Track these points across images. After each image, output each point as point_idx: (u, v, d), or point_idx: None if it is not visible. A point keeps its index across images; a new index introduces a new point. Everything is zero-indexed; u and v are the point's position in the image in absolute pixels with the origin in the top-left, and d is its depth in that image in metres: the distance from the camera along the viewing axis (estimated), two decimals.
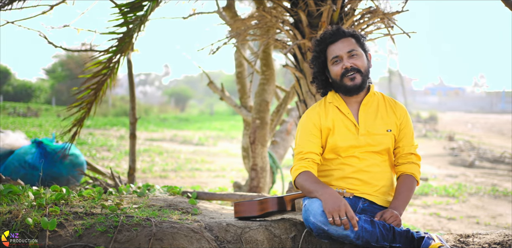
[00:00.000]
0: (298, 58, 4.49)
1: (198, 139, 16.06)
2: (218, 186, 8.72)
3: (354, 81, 2.76)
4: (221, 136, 17.62)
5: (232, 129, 20.41)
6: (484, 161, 14.04)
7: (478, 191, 10.11)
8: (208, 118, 26.94)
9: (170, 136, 16.46)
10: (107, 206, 2.78)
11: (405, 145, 2.87)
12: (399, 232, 2.51)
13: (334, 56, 2.78)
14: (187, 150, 13.80)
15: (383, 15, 4.31)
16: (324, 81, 2.89)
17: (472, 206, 9.08)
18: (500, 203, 9.41)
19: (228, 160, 12.46)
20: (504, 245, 2.73)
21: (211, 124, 22.38)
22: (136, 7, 4.51)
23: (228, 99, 6.32)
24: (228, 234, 2.70)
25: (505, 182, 11.30)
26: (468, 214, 8.45)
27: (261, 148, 5.26)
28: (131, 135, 5.46)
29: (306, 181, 2.66)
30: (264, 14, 4.50)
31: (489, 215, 8.51)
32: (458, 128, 24.87)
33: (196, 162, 11.66)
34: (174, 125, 21.23)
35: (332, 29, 2.83)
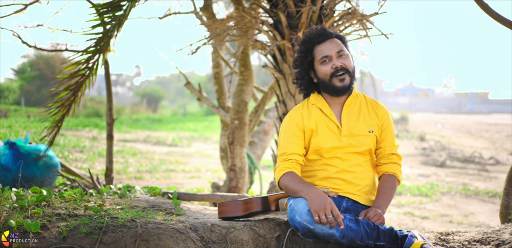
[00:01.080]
0: (278, 59, 4.51)
1: (172, 140, 15.98)
2: (195, 187, 8.71)
3: (344, 82, 2.79)
4: (195, 137, 17.56)
5: (206, 130, 20.37)
6: (455, 161, 14.30)
7: (450, 190, 10.30)
8: (181, 119, 26.82)
9: (143, 137, 16.34)
10: (90, 207, 2.76)
11: (387, 146, 2.91)
12: (383, 230, 2.55)
13: (323, 56, 2.80)
14: (161, 151, 13.72)
15: (361, 16, 4.36)
16: (308, 81, 2.91)
17: (444, 205, 9.24)
18: (471, 202, 9.60)
19: (202, 161, 12.43)
20: (483, 242, 2.79)
21: (184, 125, 22.30)
22: (115, 7, 4.47)
23: (206, 100, 6.30)
24: (213, 234, 2.70)
25: (476, 181, 11.53)
26: (441, 213, 8.60)
27: (240, 148, 5.26)
28: (108, 136, 5.40)
29: (291, 182, 2.68)
30: (244, 15, 4.51)
31: (461, 214, 8.67)
32: (428, 129, 25.26)
33: (170, 163, 11.60)
34: (147, 126, 21.08)
35: (318, 29, 2.85)
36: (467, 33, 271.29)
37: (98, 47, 4.49)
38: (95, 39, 4.45)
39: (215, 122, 24.82)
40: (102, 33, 4.45)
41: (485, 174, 12.57)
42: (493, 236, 2.82)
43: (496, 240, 2.75)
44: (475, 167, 13.44)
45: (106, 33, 4.48)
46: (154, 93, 39.82)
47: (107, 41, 4.49)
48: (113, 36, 4.54)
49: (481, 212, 8.90)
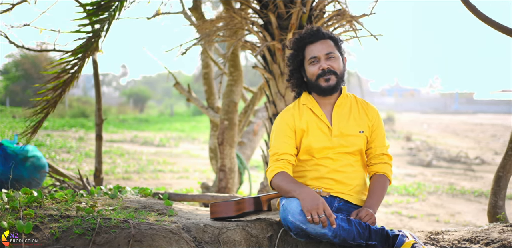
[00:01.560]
0: (268, 59, 4.53)
1: (159, 140, 15.93)
2: (183, 187, 8.70)
3: (329, 82, 2.81)
4: (182, 137, 17.52)
5: (193, 130, 20.34)
6: (441, 161, 14.41)
7: (436, 190, 10.38)
8: (168, 119, 26.74)
9: (130, 137, 16.28)
10: (82, 208, 2.75)
11: (377, 146, 2.94)
12: (374, 230, 2.57)
13: (312, 57, 2.82)
14: (149, 151, 13.68)
15: (350, 17, 4.40)
16: (299, 79, 2.94)
17: (431, 204, 9.32)
18: (458, 201, 9.69)
19: (190, 161, 12.41)
20: (472, 241, 2.83)
21: (171, 125, 22.24)
22: (104, 7, 4.46)
23: (195, 100, 6.30)
24: (206, 235, 2.71)
25: (462, 181, 11.64)
26: (428, 212, 8.67)
27: (230, 149, 5.27)
28: (97, 136, 5.40)
29: (283, 181, 2.69)
30: (234, 16, 4.52)
31: (448, 213, 8.75)
32: (414, 129, 25.43)
33: (158, 164, 11.57)
34: (134, 126, 20.99)
35: (313, 29, 2.88)
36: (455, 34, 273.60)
37: (87, 47, 4.48)
38: (84, 39, 4.44)
39: (202, 122, 24.79)
40: (91, 33, 4.44)
41: (471, 173, 12.69)
42: (482, 235, 2.85)
43: (485, 239, 2.79)
44: (461, 167, 13.56)
45: (95, 33, 4.47)
46: (140, 93, 39.66)
47: (96, 41, 4.48)
48: (102, 36, 4.53)
49: (468, 211, 8.99)
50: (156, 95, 52.97)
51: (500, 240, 2.73)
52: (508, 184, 4.12)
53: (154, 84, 63.75)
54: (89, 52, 4.49)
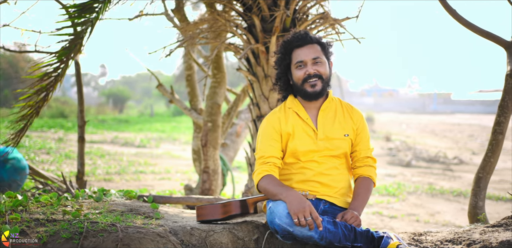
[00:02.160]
0: (251, 62, 4.55)
1: (140, 141, 15.86)
2: (165, 188, 8.68)
3: (315, 88, 2.85)
4: (163, 138, 17.46)
5: (174, 131, 20.27)
6: (420, 161, 14.58)
7: (416, 190, 10.50)
8: (149, 120, 26.62)
9: (110, 138, 16.17)
10: (69, 212, 2.75)
11: (362, 149, 2.98)
12: (360, 232, 2.61)
13: (298, 61, 2.85)
14: (129, 152, 13.61)
15: (334, 21, 4.44)
16: (285, 83, 2.96)
17: (411, 204, 9.43)
18: (437, 201, 9.82)
19: (172, 162, 12.38)
20: (455, 242, 2.88)
21: (151, 126, 22.14)
22: (88, 9, 4.44)
23: (178, 102, 6.30)
24: (193, 238, 2.72)
25: (441, 181, 11.79)
26: (408, 212, 8.78)
27: (213, 150, 5.29)
28: (80, 138, 5.36)
29: (270, 184, 2.72)
30: (218, 18, 4.53)
31: (427, 213, 8.87)
32: (393, 129, 25.67)
33: (139, 165, 11.53)
34: (113, 127, 20.86)
35: (301, 33, 2.90)
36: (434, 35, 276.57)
37: (70, 49, 4.45)
38: (67, 41, 4.41)
39: (182, 123, 24.73)
40: (74, 35, 4.41)
41: (450, 173, 12.86)
42: (464, 236, 2.91)
43: (467, 240, 2.85)
44: (440, 167, 13.74)
45: (78, 35, 4.44)
46: (120, 93, 39.39)
47: (80, 43, 4.46)
48: (85, 38, 4.51)
49: (447, 211, 9.11)
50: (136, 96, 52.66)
51: (481, 241, 2.79)
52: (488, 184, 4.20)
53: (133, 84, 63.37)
54: (72, 54, 4.47)
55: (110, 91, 41.39)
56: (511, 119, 4.19)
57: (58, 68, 4.31)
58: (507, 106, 4.05)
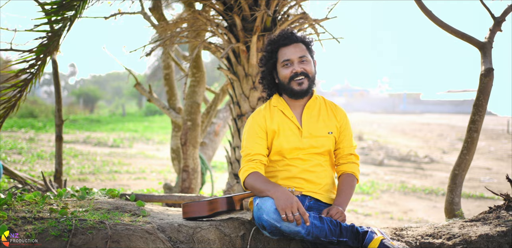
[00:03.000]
0: (232, 61, 4.59)
1: (112, 141, 15.73)
2: (141, 188, 8.64)
3: (302, 86, 2.89)
4: (136, 138, 17.34)
5: (147, 131, 20.15)
6: (392, 160, 14.81)
7: (389, 188, 10.68)
8: (120, 119, 26.39)
9: (83, 138, 16.00)
10: (56, 210, 2.74)
11: (345, 146, 3.05)
12: (345, 227, 2.67)
13: (285, 59, 2.89)
14: (103, 152, 13.50)
15: (313, 21, 4.51)
16: (271, 81, 3.00)
17: (385, 202, 9.59)
18: (409, 199, 10.00)
19: (146, 162, 12.33)
20: (435, 236, 2.97)
21: (124, 126, 21.96)
22: (66, 6, 4.42)
23: (156, 101, 6.29)
24: (181, 235, 2.75)
25: (412, 179, 12.00)
26: (382, 210, 8.92)
27: (193, 149, 5.30)
28: (57, 137, 5.32)
29: (256, 181, 2.76)
30: (199, 17, 4.55)
31: (401, 210, 9.03)
32: (365, 128, 25.98)
33: (113, 165, 11.44)
34: (85, 127, 20.63)
35: (286, 32, 2.94)
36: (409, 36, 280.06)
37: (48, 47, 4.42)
38: (44, 38, 4.38)
39: (155, 122, 24.59)
40: (52, 32, 4.39)
41: (421, 172, 13.09)
42: (443, 231, 3.00)
43: (447, 234, 2.94)
44: (411, 166, 13.98)
45: (56, 32, 4.42)
46: (90, 93, 38.98)
47: (57, 41, 4.43)
48: (63, 36, 4.49)
49: (419, 208, 9.29)
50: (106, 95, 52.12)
51: (461, 235, 2.88)
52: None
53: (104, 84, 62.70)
54: (50, 51, 4.44)
55: (80, 91, 40.90)
56: None
57: (34, 65, 4.27)
58: (482, 105, 4.17)
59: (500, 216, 3.05)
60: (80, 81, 71.16)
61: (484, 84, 4.20)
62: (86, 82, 67.23)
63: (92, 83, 60.36)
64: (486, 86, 4.19)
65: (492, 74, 4.20)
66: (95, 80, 67.73)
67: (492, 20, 4.51)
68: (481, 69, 4.26)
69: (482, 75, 4.22)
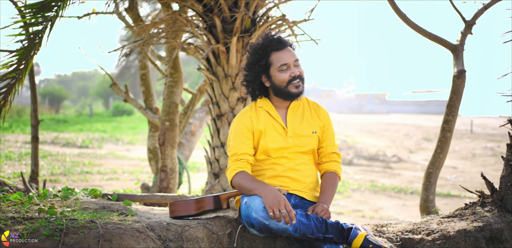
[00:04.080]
0: (212, 62, 4.64)
1: (81, 142, 15.55)
2: (114, 188, 8.59)
3: (299, 89, 2.97)
4: (105, 138, 17.18)
5: (115, 131, 19.97)
6: (361, 159, 15.04)
7: (359, 187, 10.87)
8: (88, 120, 26.04)
9: (51, 139, 15.78)
10: (45, 210, 2.76)
11: (328, 145, 3.13)
12: (330, 224, 2.76)
13: (282, 64, 2.94)
14: (72, 152, 13.34)
15: (292, 23, 4.59)
16: (259, 85, 3.05)
17: (356, 201, 9.76)
18: (379, 198, 10.20)
19: (117, 163, 12.24)
20: (414, 232, 3.08)
21: (92, 126, 21.69)
22: (46, 7, 4.40)
23: (133, 101, 6.29)
24: (170, 233, 2.79)
25: (381, 178, 12.23)
26: (354, 208, 9.09)
27: (171, 149, 5.33)
28: (33, 138, 5.28)
29: (244, 180, 2.82)
30: (179, 18, 4.59)
31: (371, 209, 9.21)
32: None
33: (84, 165, 11.34)
34: (52, 127, 20.30)
35: (275, 36, 3.00)
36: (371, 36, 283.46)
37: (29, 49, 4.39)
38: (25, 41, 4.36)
39: (123, 122, 24.38)
40: (33, 34, 4.37)
41: (390, 171, 13.35)
42: (422, 227, 3.12)
43: (426, 230, 3.05)
44: (380, 165, 14.24)
45: (37, 34, 4.40)
46: (56, 93, 38.31)
47: (39, 42, 4.41)
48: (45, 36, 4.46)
49: (389, 206, 9.49)
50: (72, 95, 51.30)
51: (439, 230, 3.00)
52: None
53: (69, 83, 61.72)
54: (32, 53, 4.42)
55: (45, 91, 40.17)
56: None
57: (18, 68, 4.24)
58: (455, 106, 4.32)
59: (475, 212, 3.19)
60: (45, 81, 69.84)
61: (457, 85, 4.35)
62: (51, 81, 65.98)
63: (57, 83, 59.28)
64: (458, 87, 4.34)
65: (464, 76, 4.36)
66: (60, 79, 66.55)
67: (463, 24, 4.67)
68: (454, 71, 4.41)
69: (455, 77, 4.37)
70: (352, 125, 30.11)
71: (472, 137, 21.83)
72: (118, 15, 6.64)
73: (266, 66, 2.97)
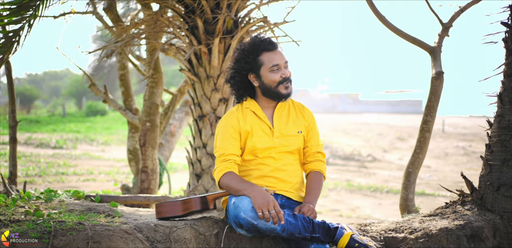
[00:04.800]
0: (193, 63, 4.65)
1: (55, 142, 15.36)
2: (91, 189, 8.52)
3: (288, 90, 3.01)
4: (79, 139, 17.00)
5: (89, 131, 19.76)
6: (337, 159, 15.18)
7: (336, 187, 10.98)
8: (61, 120, 25.70)
9: (24, 139, 15.55)
10: (31, 212, 2.74)
11: (313, 145, 3.18)
12: (317, 223, 2.80)
13: (274, 64, 2.97)
14: (46, 153, 13.18)
15: (274, 24, 4.64)
16: (245, 84, 3.07)
17: (333, 200, 9.86)
18: (355, 197, 10.33)
19: (93, 163, 12.14)
20: (397, 231, 3.14)
21: (65, 126, 21.41)
22: (24, 6, 4.37)
23: (112, 102, 6.25)
24: (158, 234, 2.80)
25: (357, 177, 12.37)
26: (331, 207, 9.18)
27: (152, 150, 5.32)
28: (12, 139, 5.22)
29: (232, 181, 2.85)
30: (160, 19, 4.59)
31: (348, 208, 9.32)
32: None
33: (59, 166, 11.22)
34: (24, 128, 19.98)
35: (265, 37, 3.03)
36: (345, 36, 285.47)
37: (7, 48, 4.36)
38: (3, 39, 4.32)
39: (97, 123, 24.14)
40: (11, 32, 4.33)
41: (365, 170, 13.51)
42: (405, 225, 3.18)
43: (409, 229, 3.12)
44: (355, 164, 14.39)
45: (15, 33, 4.36)
46: (27, 92, 37.69)
47: (17, 41, 4.37)
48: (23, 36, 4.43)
49: (365, 205, 9.62)
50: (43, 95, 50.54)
51: (422, 229, 3.07)
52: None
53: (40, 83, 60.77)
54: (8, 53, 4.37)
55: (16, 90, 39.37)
56: None
57: None
58: (433, 106, 4.41)
59: (456, 210, 3.27)
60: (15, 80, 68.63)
61: (435, 87, 4.44)
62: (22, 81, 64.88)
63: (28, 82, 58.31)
64: (437, 88, 4.44)
65: (443, 77, 4.45)
66: (31, 79, 65.44)
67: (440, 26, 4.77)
68: (432, 72, 4.51)
69: (433, 78, 4.46)
70: (326, 124, 30.32)
71: (444, 136, 22.21)
72: (96, 16, 6.59)
73: (256, 65, 2.99)
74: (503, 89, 3.26)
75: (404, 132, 23.89)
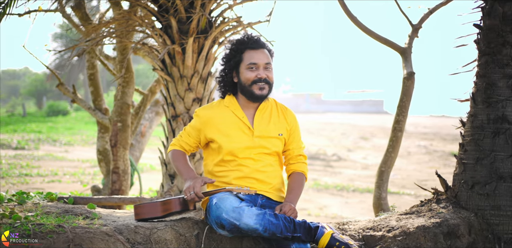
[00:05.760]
0: (167, 62, 4.61)
1: (17, 143, 15.00)
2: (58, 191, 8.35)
3: (262, 91, 3.01)
4: (41, 139, 16.64)
5: (51, 132, 19.37)
6: None
7: None
8: (21, 120, 25.11)
9: None
10: (7, 215, 2.67)
11: (295, 148, 3.19)
12: (298, 223, 2.82)
13: (252, 62, 2.97)
14: (7, 154, 12.87)
15: (247, 24, 4.64)
16: (229, 79, 3.07)
17: (300, 199, 9.82)
18: (323, 196, 10.42)
19: (57, 164, 11.91)
20: (375, 229, 3.19)
21: (26, 127, 20.92)
22: None
23: (81, 102, 6.14)
24: (138, 236, 2.77)
25: (323, 176, 12.49)
26: (299, 206, 9.16)
27: (123, 151, 5.25)
28: None
29: (178, 161, 3.06)
30: (133, 18, 4.53)
31: (316, 207, 9.40)
32: None
33: (22, 167, 10.97)
34: None
35: (254, 36, 3.03)
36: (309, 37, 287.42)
37: None
38: None
39: (59, 123, 23.69)
40: None
41: (331, 169, 13.64)
42: (382, 224, 3.23)
43: (386, 227, 3.17)
44: (321, 163, 14.52)
45: None
46: None
47: None
48: None
49: (333, 204, 9.71)
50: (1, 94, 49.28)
51: (399, 227, 3.12)
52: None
53: None
54: None
55: None
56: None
57: None
58: (405, 106, 4.48)
59: (432, 208, 3.33)
60: None
61: (407, 87, 4.52)
62: None
63: None
64: (408, 88, 4.52)
65: (414, 77, 4.53)
66: None
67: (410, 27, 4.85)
68: (404, 73, 4.58)
69: (404, 79, 4.54)
70: None
71: (406, 135, 22.58)
72: (62, 14, 6.46)
73: (238, 61, 3.01)
74: (476, 89, 3.34)
75: (367, 131, 24.23)
